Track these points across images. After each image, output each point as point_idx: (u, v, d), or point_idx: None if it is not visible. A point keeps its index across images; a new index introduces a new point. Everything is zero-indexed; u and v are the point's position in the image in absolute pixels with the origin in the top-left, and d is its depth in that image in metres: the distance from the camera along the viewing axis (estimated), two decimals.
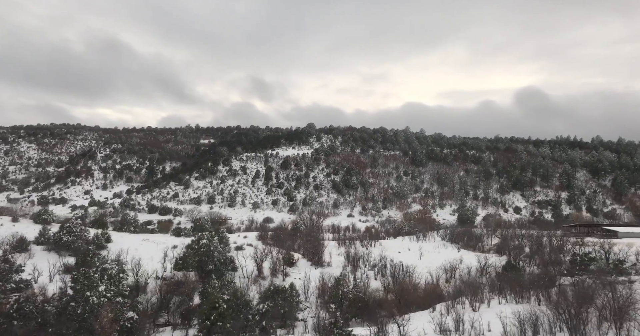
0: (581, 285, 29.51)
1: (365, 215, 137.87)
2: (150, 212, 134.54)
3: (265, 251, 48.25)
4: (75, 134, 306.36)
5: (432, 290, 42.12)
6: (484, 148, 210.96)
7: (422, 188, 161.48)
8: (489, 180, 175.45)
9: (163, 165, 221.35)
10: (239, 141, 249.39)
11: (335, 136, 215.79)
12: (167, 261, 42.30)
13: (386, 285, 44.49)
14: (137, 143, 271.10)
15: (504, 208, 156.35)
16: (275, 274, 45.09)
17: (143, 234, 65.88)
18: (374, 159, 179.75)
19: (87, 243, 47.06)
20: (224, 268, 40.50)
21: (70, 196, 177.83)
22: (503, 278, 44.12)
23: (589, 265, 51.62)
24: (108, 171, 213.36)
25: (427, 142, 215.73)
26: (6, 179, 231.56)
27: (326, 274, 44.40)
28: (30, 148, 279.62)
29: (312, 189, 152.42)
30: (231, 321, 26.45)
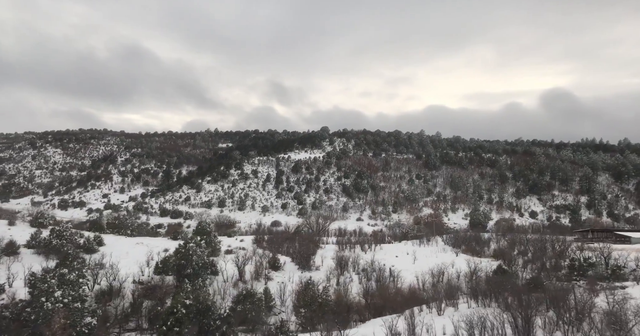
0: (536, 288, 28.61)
1: (375, 219, 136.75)
2: (162, 215, 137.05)
3: (248, 255, 48.25)
4: (98, 139, 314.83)
5: (411, 294, 41.56)
6: (500, 151, 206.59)
7: (434, 191, 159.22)
8: (504, 184, 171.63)
9: (180, 169, 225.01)
10: (255, 145, 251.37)
11: (349, 140, 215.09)
12: (150, 265, 42.78)
13: (367, 289, 44.12)
14: (156, 147, 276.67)
15: (520, 213, 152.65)
16: (257, 278, 45.02)
17: (138, 238, 66.91)
18: (386, 163, 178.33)
19: (78, 247, 48.02)
20: (202, 272, 40.63)
21: (89, 200, 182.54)
22: (491, 282, 43.34)
23: (587, 271, 50.37)
24: (126, 175, 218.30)
25: (443, 146, 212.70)
26: (32, 183, 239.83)
27: (307, 278, 44.31)
28: (56, 153, 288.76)
29: (322, 192, 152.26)
30: (189, 326, 26.47)
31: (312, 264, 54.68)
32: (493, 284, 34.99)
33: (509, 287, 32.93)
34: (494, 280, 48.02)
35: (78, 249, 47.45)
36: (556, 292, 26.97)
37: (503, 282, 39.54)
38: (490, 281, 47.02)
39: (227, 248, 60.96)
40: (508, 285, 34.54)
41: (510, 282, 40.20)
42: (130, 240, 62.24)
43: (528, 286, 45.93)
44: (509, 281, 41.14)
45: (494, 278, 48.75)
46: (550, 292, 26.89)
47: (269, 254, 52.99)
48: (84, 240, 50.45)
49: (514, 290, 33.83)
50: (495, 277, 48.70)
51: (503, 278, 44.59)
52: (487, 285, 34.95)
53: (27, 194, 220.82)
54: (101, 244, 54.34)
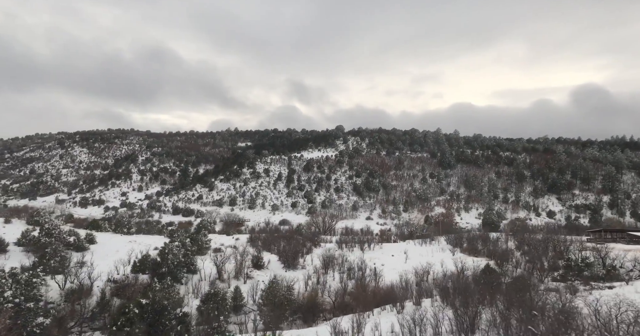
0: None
1: (385, 218, 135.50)
2: (175, 213, 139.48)
3: (234, 253, 48.32)
4: (122, 139, 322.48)
5: (385, 293, 41.29)
6: (519, 149, 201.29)
7: (447, 190, 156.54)
8: (522, 183, 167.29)
9: (197, 168, 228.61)
10: (272, 144, 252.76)
11: (363, 138, 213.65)
12: (131, 263, 43.50)
13: (344, 287, 43.89)
14: (176, 147, 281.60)
15: (537, 212, 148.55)
16: (237, 277, 45.19)
17: (134, 236, 68.09)
18: (399, 161, 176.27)
19: (67, 245, 49.38)
20: (177, 270, 41.09)
21: (109, 198, 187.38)
22: (479, 281, 42.68)
23: (583, 270, 49.36)
24: (145, 173, 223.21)
25: (459, 144, 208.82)
26: (59, 182, 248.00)
27: (285, 277, 44.36)
28: (82, 152, 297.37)
29: (333, 191, 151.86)
30: (140, 326, 26.65)
31: (298, 263, 54.61)
32: (461, 283, 34.23)
33: (493, 285, 32.21)
34: (482, 279, 47.95)
35: (69, 248, 48.63)
36: (517, 290, 26.24)
37: (486, 281, 38.94)
38: (478, 279, 46.74)
39: (220, 246, 61.45)
40: (494, 283, 33.83)
41: (495, 281, 39.55)
42: (124, 238, 63.42)
43: (512, 285, 45.63)
44: (494, 280, 40.55)
45: (482, 277, 48.54)
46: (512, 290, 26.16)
47: (256, 252, 53.16)
48: (74, 238, 51.67)
49: (496, 289, 33.12)
50: (483, 276, 48.42)
51: (486, 278, 43.99)
52: (456, 284, 34.21)
53: (53, 192, 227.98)
54: (93, 242, 55.32)
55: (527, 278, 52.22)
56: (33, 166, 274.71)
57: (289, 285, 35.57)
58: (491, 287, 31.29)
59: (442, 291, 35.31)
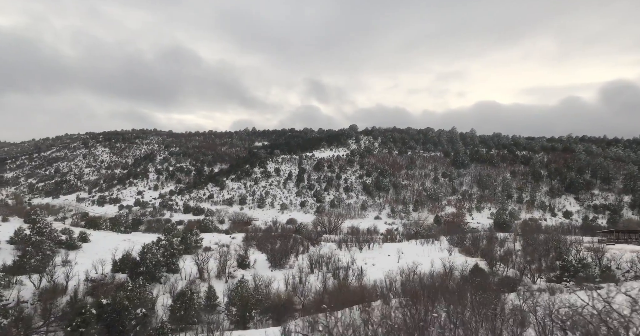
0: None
1: (394, 218, 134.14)
2: (185, 212, 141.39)
3: (207, 254, 48.32)
4: (142, 139, 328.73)
5: (363, 292, 41.06)
6: (537, 148, 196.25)
7: (460, 190, 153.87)
8: (538, 182, 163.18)
9: (212, 167, 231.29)
10: (287, 144, 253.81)
11: (375, 138, 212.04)
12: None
13: (325, 287, 43.66)
14: (193, 146, 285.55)
15: (552, 213, 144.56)
16: (220, 276, 45.31)
17: (130, 235, 68.99)
18: (411, 161, 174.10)
19: (59, 243, 50.42)
20: (156, 270, 41.37)
21: (125, 196, 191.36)
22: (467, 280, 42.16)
23: (579, 271, 48.35)
24: (162, 173, 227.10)
25: (475, 143, 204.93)
26: (81, 181, 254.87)
27: (270, 277, 44.47)
28: (104, 152, 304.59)
29: (342, 191, 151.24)
30: (96, 326, 26.79)
31: (286, 263, 54.49)
32: (414, 283, 33.71)
33: (476, 285, 31.72)
34: (469, 279, 47.60)
35: (60, 246, 49.65)
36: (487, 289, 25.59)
37: (472, 281, 38.30)
38: (466, 279, 46.27)
39: (214, 245, 61.91)
40: (476, 283, 33.27)
41: (481, 280, 38.95)
42: (119, 237, 64.39)
43: (498, 285, 44.83)
44: (481, 280, 39.94)
45: (469, 276, 48.07)
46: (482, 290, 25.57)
47: (243, 252, 53.26)
48: (67, 237, 52.65)
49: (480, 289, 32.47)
50: (471, 276, 47.91)
51: (474, 278, 43.42)
52: (408, 284, 33.76)
53: (75, 190, 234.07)
54: (86, 240, 56.23)
55: (519, 278, 51.47)
56: (58, 165, 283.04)
57: (257, 285, 35.42)
58: (472, 286, 30.63)
59: (411, 291, 34.75)
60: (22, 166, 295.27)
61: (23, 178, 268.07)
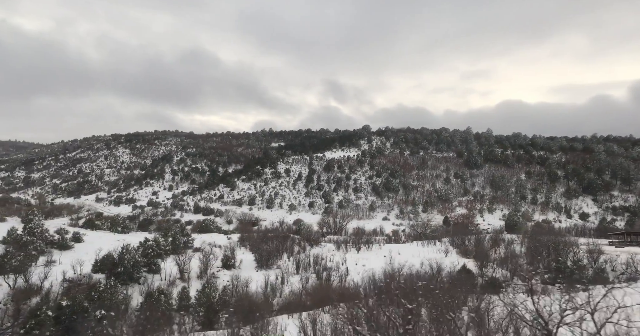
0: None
1: (403, 218, 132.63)
2: (196, 212, 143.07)
3: (190, 254, 48.50)
4: (161, 140, 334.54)
5: (339, 293, 40.82)
6: (554, 148, 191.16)
7: (471, 191, 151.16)
8: (554, 183, 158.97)
9: (227, 168, 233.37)
10: (302, 144, 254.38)
11: (388, 138, 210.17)
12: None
13: (304, 287, 43.52)
14: (210, 147, 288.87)
15: (568, 214, 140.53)
16: (201, 277, 45.46)
17: (126, 235, 69.79)
18: (422, 161, 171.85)
19: (51, 243, 51.50)
20: (134, 270, 41.47)
21: (141, 197, 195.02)
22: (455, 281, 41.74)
23: (573, 273, 47.35)
24: (177, 173, 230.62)
25: (490, 143, 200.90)
26: (102, 181, 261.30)
27: (253, 277, 44.60)
28: (125, 153, 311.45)
29: (352, 191, 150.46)
30: (52, 328, 26.83)
31: (274, 263, 54.45)
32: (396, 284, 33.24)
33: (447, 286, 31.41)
34: (457, 279, 47.37)
35: (53, 246, 50.67)
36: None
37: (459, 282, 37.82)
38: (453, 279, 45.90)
39: (208, 245, 62.26)
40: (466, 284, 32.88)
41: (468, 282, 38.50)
42: (115, 237, 65.28)
43: (484, 286, 44.23)
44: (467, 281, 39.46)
45: (457, 277, 47.68)
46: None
47: (229, 253, 53.35)
48: (59, 237, 53.81)
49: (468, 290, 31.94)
50: (458, 276, 47.54)
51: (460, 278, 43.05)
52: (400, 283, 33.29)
53: (96, 191, 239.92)
54: (79, 240, 56.90)
55: (509, 280, 50.54)
56: (81, 166, 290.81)
57: (235, 285, 35.37)
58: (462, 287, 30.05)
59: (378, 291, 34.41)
60: (48, 166, 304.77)
61: (48, 179, 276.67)
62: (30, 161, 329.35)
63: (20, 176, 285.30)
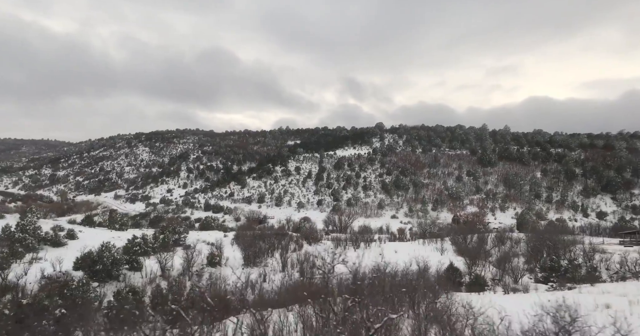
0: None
1: (411, 217, 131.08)
2: (206, 210, 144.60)
3: (174, 251, 48.72)
4: (180, 138, 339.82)
5: (316, 291, 40.74)
6: (573, 145, 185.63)
7: (484, 189, 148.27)
8: (571, 181, 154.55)
9: (241, 166, 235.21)
10: (317, 142, 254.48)
11: (400, 136, 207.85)
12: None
13: (284, 285, 43.41)
14: (226, 145, 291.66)
15: (584, 213, 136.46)
16: (184, 274, 45.49)
17: (124, 232, 70.64)
18: (434, 159, 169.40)
19: (43, 240, 51.80)
20: (113, 267, 40.99)
21: (156, 194, 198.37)
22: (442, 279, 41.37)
23: (567, 272, 46.31)
24: (192, 171, 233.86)
25: (506, 141, 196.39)
26: (121, 179, 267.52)
27: (226, 275, 44.71)
28: (144, 151, 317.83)
29: (361, 189, 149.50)
30: (9, 328, 27.18)
31: (262, 261, 54.40)
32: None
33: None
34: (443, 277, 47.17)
35: (46, 243, 51.67)
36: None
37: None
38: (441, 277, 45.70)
39: (202, 242, 62.61)
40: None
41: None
42: (111, 233, 66.21)
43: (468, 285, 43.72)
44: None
45: (444, 275, 47.34)
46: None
47: (216, 250, 53.42)
48: (52, 234, 54.29)
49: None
50: (446, 274, 47.14)
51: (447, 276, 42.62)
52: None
53: (115, 188, 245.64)
54: (73, 237, 57.36)
55: (498, 278, 49.71)
56: (103, 164, 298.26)
57: (194, 284, 35.34)
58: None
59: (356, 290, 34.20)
60: (73, 164, 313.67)
61: (72, 176, 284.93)
62: (56, 159, 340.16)
63: (47, 174, 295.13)
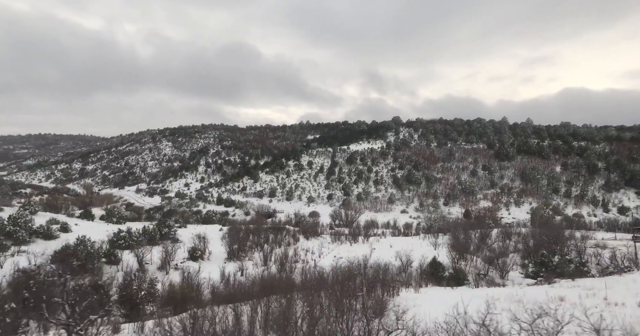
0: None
1: (422, 212, 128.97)
2: (218, 204, 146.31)
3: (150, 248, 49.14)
4: (201, 133, 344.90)
5: (292, 285, 40.93)
6: (598, 139, 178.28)
7: (499, 183, 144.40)
8: (593, 175, 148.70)
9: (258, 161, 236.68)
10: (335, 137, 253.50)
11: (416, 129, 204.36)
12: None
13: (258, 278, 43.58)
14: (245, 140, 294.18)
15: (605, 208, 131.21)
16: (163, 268, 46.14)
17: (121, 225, 71.77)
18: (449, 153, 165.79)
19: (35, 233, 52.69)
20: (88, 261, 41.29)
21: (174, 188, 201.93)
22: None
23: (556, 268, 45.14)
24: (210, 165, 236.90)
25: (526, 134, 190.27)
26: (144, 173, 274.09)
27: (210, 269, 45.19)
28: (167, 146, 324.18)
29: (372, 184, 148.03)
30: None
31: (246, 255, 54.72)
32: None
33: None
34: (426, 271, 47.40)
35: (38, 236, 53.03)
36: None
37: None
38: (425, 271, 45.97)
39: (195, 236, 63.40)
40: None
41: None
42: (106, 227, 67.45)
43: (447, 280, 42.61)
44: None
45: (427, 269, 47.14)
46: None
47: (201, 244, 53.86)
48: (44, 227, 54.80)
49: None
50: (429, 268, 46.86)
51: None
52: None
53: (138, 182, 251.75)
54: (66, 231, 58.25)
55: (485, 273, 49.12)
56: (128, 158, 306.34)
57: (153, 278, 35.57)
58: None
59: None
60: (101, 159, 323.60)
61: (100, 170, 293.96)
62: (87, 154, 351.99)
63: (77, 168, 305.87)
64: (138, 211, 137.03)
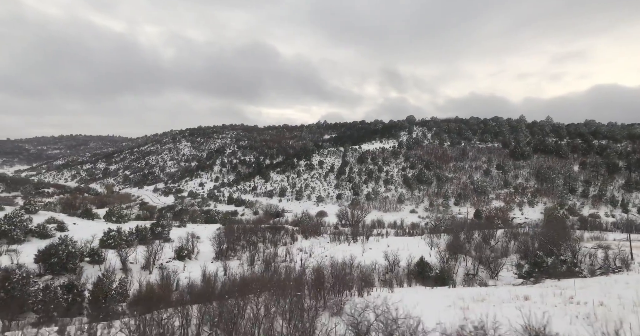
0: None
1: (432, 211, 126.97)
2: (229, 203, 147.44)
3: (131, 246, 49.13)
4: (219, 133, 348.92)
5: (269, 284, 40.80)
6: (619, 137, 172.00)
7: (513, 183, 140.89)
8: (612, 174, 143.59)
9: (273, 160, 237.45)
10: (350, 136, 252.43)
11: (430, 129, 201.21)
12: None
13: (237, 279, 43.58)
14: (261, 140, 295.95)
15: (624, 208, 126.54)
16: (147, 267, 46.24)
17: (120, 224, 72.86)
18: (462, 152, 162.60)
19: (30, 232, 53.71)
20: (69, 261, 41.33)
21: (189, 188, 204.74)
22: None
23: (548, 268, 44.21)
24: (225, 165, 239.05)
25: (544, 132, 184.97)
26: (163, 172, 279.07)
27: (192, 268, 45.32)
28: (186, 146, 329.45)
29: (382, 183, 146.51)
30: None
31: (234, 255, 54.71)
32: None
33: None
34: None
35: (33, 235, 54.16)
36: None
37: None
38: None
39: (189, 236, 63.82)
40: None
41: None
42: (106, 226, 67.65)
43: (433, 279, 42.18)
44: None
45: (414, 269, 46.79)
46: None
47: (190, 243, 54.08)
48: (40, 227, 55.68)
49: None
50: (415, 269, 46.48)
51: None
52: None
53: (156, 181, 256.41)
54: (63, 230, 59.21)
55: (474, 272, 48.60)
56: (148, 158, 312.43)
57: (122, 278, 35.69)
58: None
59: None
60: (124, 159, 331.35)
61: (122, 170, 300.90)
62: (111, 154, 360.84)
63: (101, 168, 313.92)
64: (151, 210, 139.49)
